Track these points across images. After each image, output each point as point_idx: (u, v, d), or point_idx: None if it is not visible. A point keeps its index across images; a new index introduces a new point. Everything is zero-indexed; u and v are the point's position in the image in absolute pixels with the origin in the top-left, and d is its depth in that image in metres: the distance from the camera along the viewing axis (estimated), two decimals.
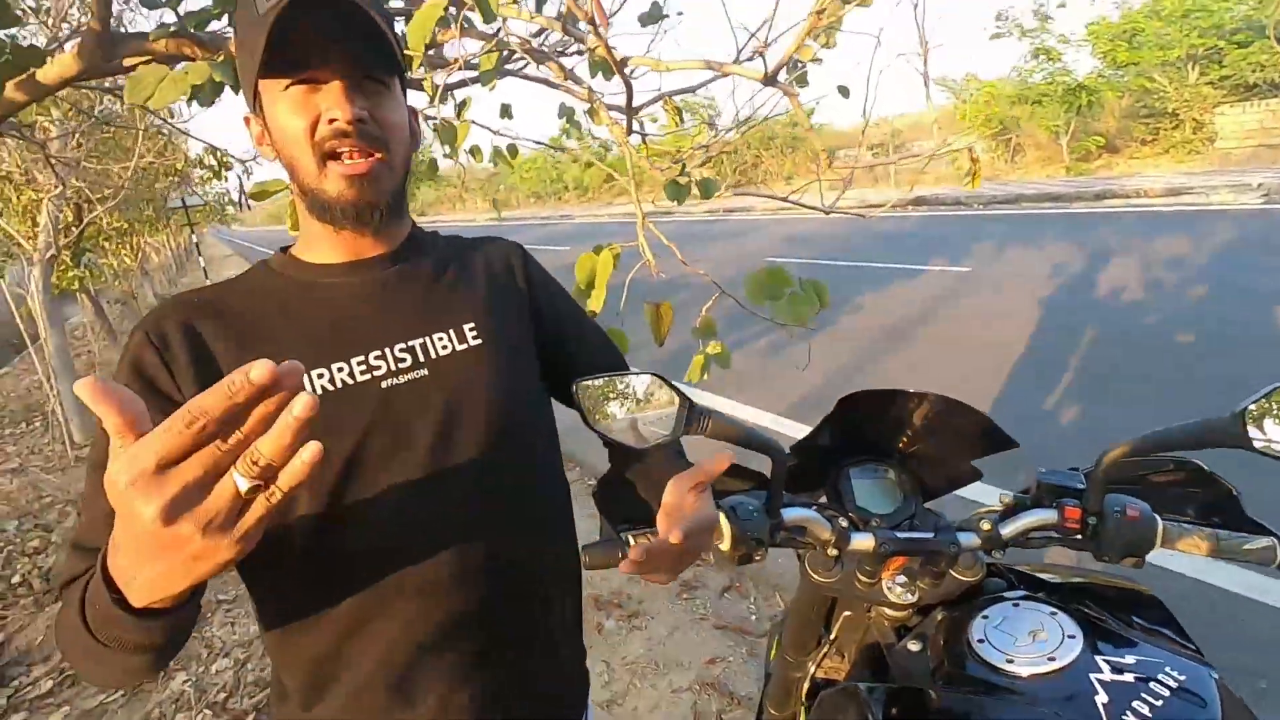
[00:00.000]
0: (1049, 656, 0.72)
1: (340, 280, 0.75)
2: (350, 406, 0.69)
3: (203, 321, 0.70)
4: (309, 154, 0.67)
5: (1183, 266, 5.75)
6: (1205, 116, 13.36)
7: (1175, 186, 9.35)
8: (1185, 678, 0.67)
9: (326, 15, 0.63)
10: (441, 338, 0.75)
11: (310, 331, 0.72)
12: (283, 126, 0.68)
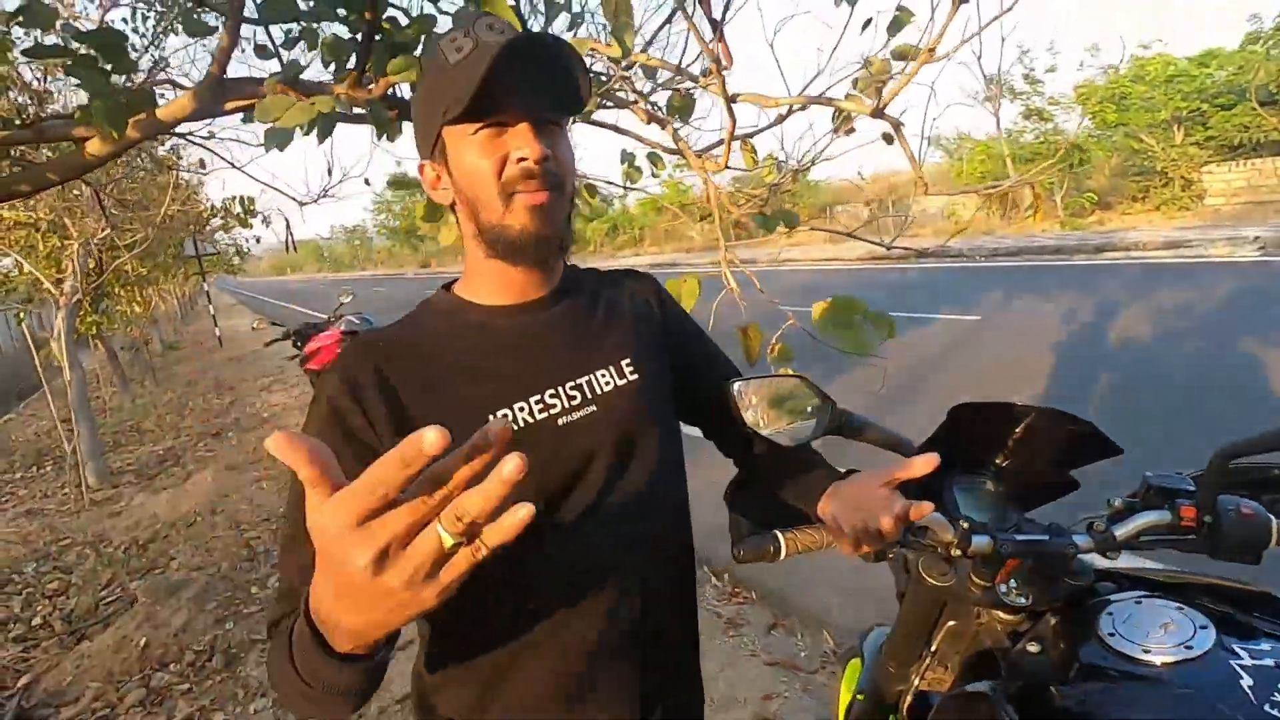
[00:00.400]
0: (1185, 645, 0.76)
1: (511, 321, 0.78)
2: (532, 445, 0.72)
3: (390, 365, 0.73)
4: (494, 192, 0.71)
5: (1190, 315, 5.88)
6: (1193, 175, 13.81)
7: (1173, 240, 9.61)
8: None
9: (528, 65, 0.68)
10: (603, 374, 0.79)
11: (489, 372, 0.76)
12: (470, 168, 0.71)
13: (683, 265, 18.81)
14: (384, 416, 0.70)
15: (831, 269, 13.43)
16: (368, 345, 0.76)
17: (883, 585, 2.55)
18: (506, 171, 0.70)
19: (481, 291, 0.79)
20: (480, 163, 0.71)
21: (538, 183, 0.71)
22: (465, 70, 0.67)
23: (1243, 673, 0.71)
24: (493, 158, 0.70)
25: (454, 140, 0.72)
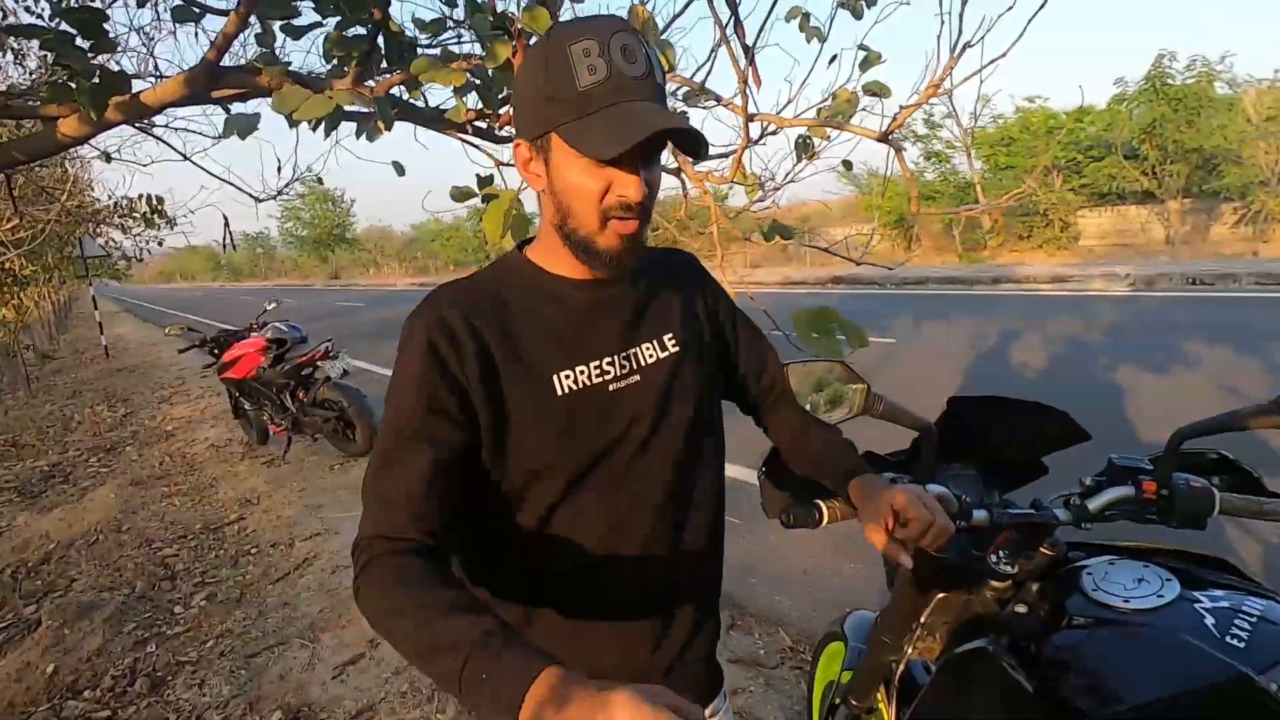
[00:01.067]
0: (1157, 595, 0.89)
1: (577, 294, 0.84)
2: (590, 404, 0.82)
3: (475, 315, 0.80)
4: (593, 212, 0.75)
5: (1077, 341, 6.53)
6: (1070, 218, 15.30)
7: (1058, 275, 10.63)
8: (1264, 607, 0.85)
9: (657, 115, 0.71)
10: (648, 347, 0.87)
11: (557, 335, 0.83)
12: (575, 184, 0.75)
13: None
14: (474, 361, 0.77)
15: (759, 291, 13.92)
16: (455, 295, 0.82)
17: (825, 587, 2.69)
18: (608, 199, 0.75)
19: (553, 263, 0.84)
20: (586, 184, 0.74)
21: (633, 213, 0.76)
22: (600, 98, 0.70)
23: (1205, 614, 0.85)
24: (598, 184, 0.74)
25: (562, 150, 0.74)
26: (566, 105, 0.71)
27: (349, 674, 2.45)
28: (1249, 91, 13.12)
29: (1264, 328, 6.42)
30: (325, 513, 3.99)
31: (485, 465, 0.79)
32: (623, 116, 0.70)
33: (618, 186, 0.74)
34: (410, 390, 0.76)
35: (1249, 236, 12.59)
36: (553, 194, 0.78)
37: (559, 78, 0.71)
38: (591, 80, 0.70)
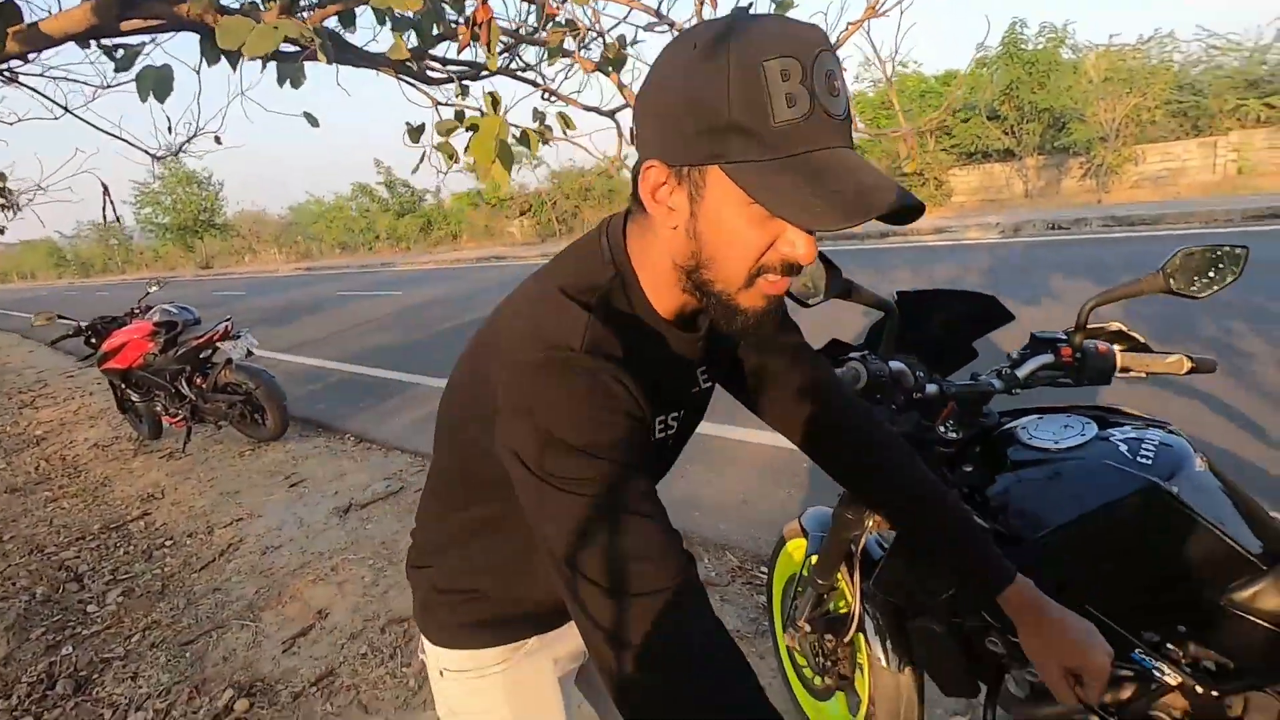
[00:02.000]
0: (1080, 434, 1.06)
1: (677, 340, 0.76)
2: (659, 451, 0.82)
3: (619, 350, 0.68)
4: (746, 267, 0.63)
5: (961, 282, 7.10)
6: (944, 176, 16.42)
7: (939, 227, 11.45)
8: (1161, 435, 1.03)
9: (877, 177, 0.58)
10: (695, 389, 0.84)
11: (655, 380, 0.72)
12: (731, 231, 0.62)
13: (509, 260, 18.60)
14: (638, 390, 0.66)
15: None
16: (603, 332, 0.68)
17: (763, 510, 2.85)
18: (769, 256, 0.63)
19: (661, 299, 0.72)
20: (749, 237, 0.62)
21: (789, 272, 0.65)
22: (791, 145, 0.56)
23: (1119, 444, 1.02)
24: (763, 239, 0.62)
25: (725, 189, 0.60)
26: (749, 140, 0.56)
27: (300, 645, 2.39)
28: (1089, 55, 14.48)
29: (1113, 262, 7.25)
30: (244, 498, 3.79)
31: None
32: (836, 174, 0.56)
33: (784, 244, 0.62)
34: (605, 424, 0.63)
35: (1093, 188, 14.01)
36: (694, 235, 0.64)
37: (746, 103, 0.56)
38: (790, 115, 0.55)
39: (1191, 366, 1.14)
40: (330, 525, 3.31)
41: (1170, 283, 1.10)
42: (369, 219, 30.23)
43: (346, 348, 8.12)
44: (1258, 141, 12.69)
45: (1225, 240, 1.09)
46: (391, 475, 3.85)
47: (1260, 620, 0.91)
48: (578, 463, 0.60)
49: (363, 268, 22.83)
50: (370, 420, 5.07)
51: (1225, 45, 14.01)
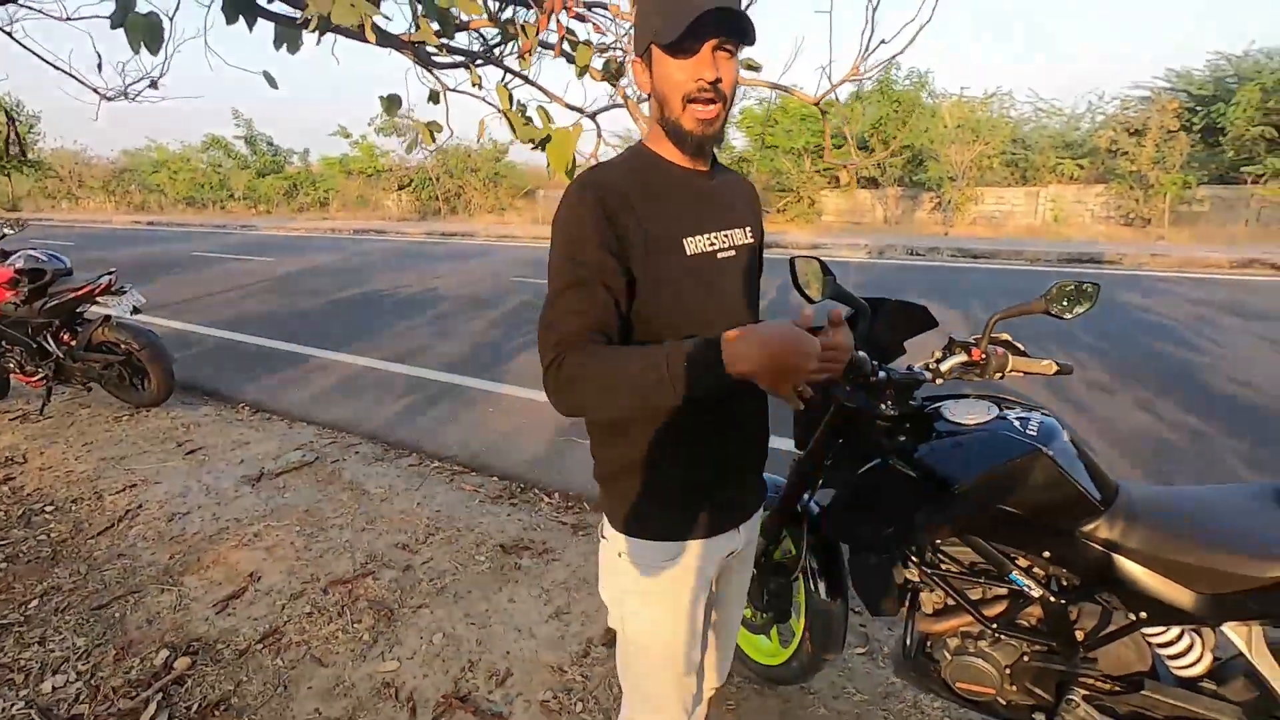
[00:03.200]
0: (985, 413, 1.43)
1: (692, 180, 1.09)
2: (706, 264, 1.09)
3: (628, 187, 1.03)
4: (679, 99, 1.00)
5: None
6: (816, 195, 17.78)
7: (816, 244, 12.48)
8: (1040, 416, 1.42)
9: (719, 14, 0.94)
10: (738, 232, 1.15)
11: (682, 207, 1.07)
12: (666, 78, 1.00)
13: (391, 234, 17.78)
14: (631, 218, 1.00)
15: (541, 247, 14.15)
16: (610, 172, 1.04)
17: None
18: (688, 86, 0.99)
19: (670, 154, 1.08)
20: (676, 76, 0.99)
21: (708, 96, 0.99)
22: (684, 8, 0.93)
23: (1013, 420, 1.39)
24: (684, 75, 0.99)
25: (659, 55, 1.00)
26: (658, 17, 0.97)
27: (235, 607, 2.38)
28: (946, 103, 16.28)
29: (963, 288, 8.35)
30: (132, 464, 3.55)
31: (635, 305, 1.03)
32: (690, 12, 0.93)
33: (696, 72, 0.98)
34: (587, 236, 0.97)
35: (940, 220, 15.80)
36: (655, 93, 1.03)
37: (654, 2, 0.98)
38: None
39: (1057, 369, 1.55)
40: (242, 493, 3.22)
41: (1049, 307, 1.50)
42: (222, 175, 27.55)
43: (219, 313, 7.55)
44: (1070, 195, 14.92)
45: (1073, 277, 1.49)
46: (302, 445, 3.77)
47: (1097, 545, 1.30)
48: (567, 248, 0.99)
49: (218, 227, 20.85)
50: (265, 390, 4.86)
51: (1050, 109, 16.32)
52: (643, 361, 0.90)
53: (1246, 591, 1.17)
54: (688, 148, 1.06)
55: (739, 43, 1.03)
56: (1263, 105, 12.86)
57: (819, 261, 1.33)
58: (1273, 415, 3.99)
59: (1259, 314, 6.67)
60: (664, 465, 1.12)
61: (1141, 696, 1.35)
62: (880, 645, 2.14)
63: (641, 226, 1.02)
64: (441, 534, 2.82)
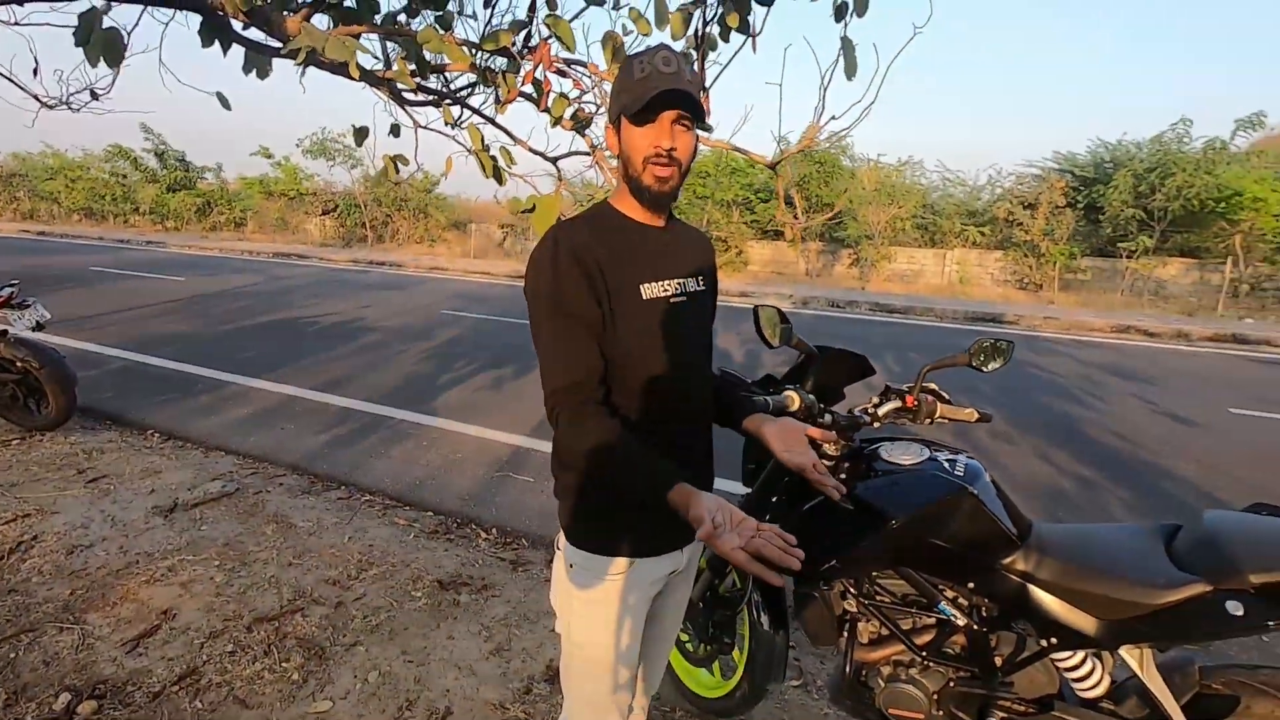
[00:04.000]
0: (918, 454, 1.57)
1: (649, 234, 1.22)
2: (660, 307, 1.20)
3: (593, 238, 1.16)
4: (640, 160, 1.14)
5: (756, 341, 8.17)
6: (744, 245, 18.51)
7: (744, 291, 12.97)
8: (966, 458, 1.58)
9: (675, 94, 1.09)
10: (690, 280, 1.27)
11: (639, 256, 1.19)
12: (632, 142, 1.14)
13: (314, 260, 17.18)
14: (596, 265, 1.13)
15: (485, 282, 14.06)
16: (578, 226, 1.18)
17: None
18: (648, 150, 1.13)
19: (630, 210, 1.21)
20: (638, 141, 1.14)
21: (664, 160, 1.13)
22: (642, 86, 1.10)
23: (943, 461, 1.54)
24: (645, 142, 1.13)
25: (626, 124, 1.14)
26: (626, 94, 1.12)
27: (147, 646, 2.23)
28: (864, 167, 17.43)
29: (879, 340, 8.86)
30: (25, 492, 3.27)
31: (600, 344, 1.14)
32: (651, 90, 1.09)
33: (655, 139, 1.13)
34: (566, 289, 1.11)
35: (858, 275, 16.75)
36: (622, 155, 1.17)
37: (624, 79, 1.14)
38: (640, 74, 1.10)
39: (979, 417, 1.73)
40: (154, 525, 3.02)
41: (971, 361, 1.67)
42: (127, 187, 25.92)
43: (123, 333, 7.08)
44: (973, 259, 16.16)
45: (992, 336, 1.68)
46: (222, 475, 3.58)
47: (1014, 576, 1.45)
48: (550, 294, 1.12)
49: (120, 242, 19.57)
50: (178, 416, 4.58)
51: (955, 180, 17.75)
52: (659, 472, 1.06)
53: (1138, 617, 1.33)
54: (646, 202, 1.19)
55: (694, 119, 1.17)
56: (1134, 189, 14.45)
57: (776, 310, 1.45)
58: (1146, 466, 4.43)
59: (1134, 375, 7.40)
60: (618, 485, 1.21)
61: (1051, 717, 1.49)
62: (814, 678, 2.23)
63: (604, 274, 1.14)
64: (375, 569, 2.74)
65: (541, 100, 1.58)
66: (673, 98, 1.09)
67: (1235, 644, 2.46)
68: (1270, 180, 13.99)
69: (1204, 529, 1.38)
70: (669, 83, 1.08)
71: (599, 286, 1.12)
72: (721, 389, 1.43)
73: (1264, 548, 1.30)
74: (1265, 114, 14.05)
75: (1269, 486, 4.15)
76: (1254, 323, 11.72)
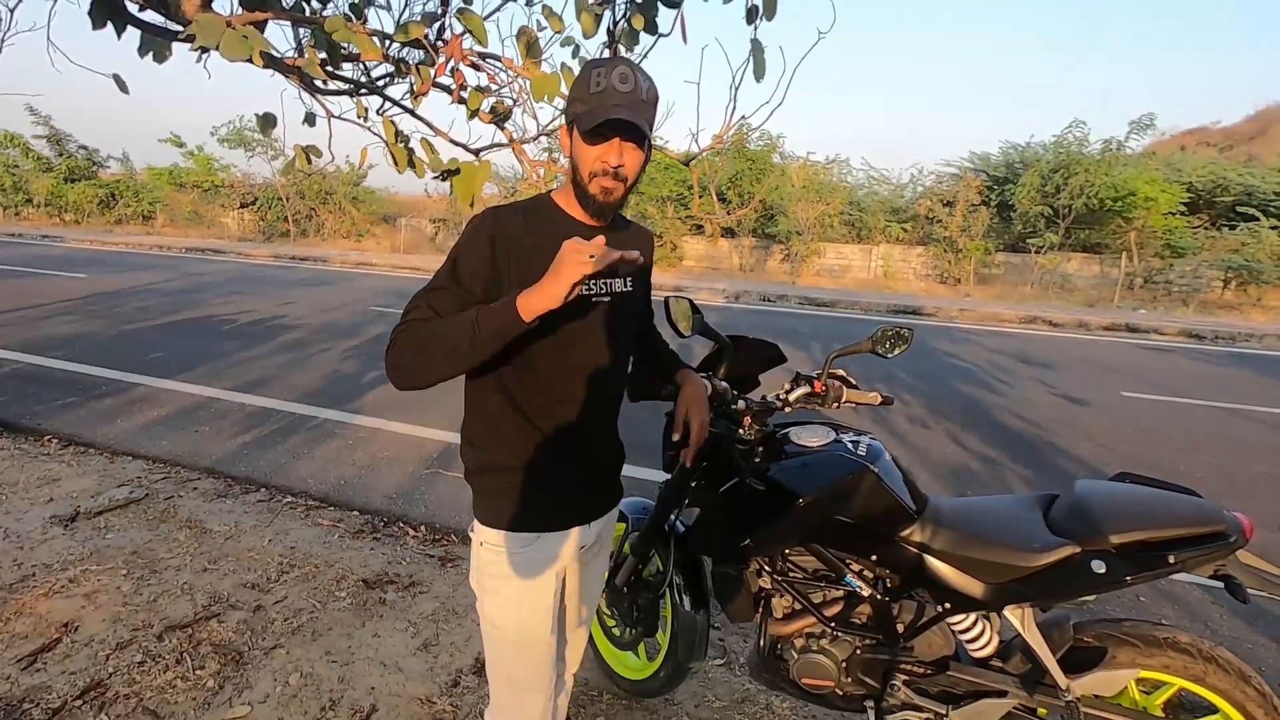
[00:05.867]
0: (824, 437, 1.66)
1: (582, 231, 1.20)
2: (580, 306, 1.22)
3: (521, 225, 1.21)
4: (588, 171, 1.17)
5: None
6: (679, 241, 18.70)
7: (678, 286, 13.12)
8: (869, 439, 1.68)
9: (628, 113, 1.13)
10: (618, 281, 1.30)
11: None
12: (583, 152, 1.17)
13: (231, 255, 16.37)
14: (513, 251, 1.18)
15: (407, 277, 13.71)
16: (509, 211, 1.21)
17: None
18: (596, 164, 1.17)
19: (570, 206, 1.25)
20: (589, 153, 1.17)
21: (611, 175, 1.17)
22: (597, 101, 1.13)
23: (847, 443, 1.64)
24: (594, 154, 1.17)
25: (578, 133, 1.17)
26: (580, 105, 1.15)
27: (46, 661, 2.11)
28: (794, 165, 17.89)
29: (806, 331, 9.15)
30: None
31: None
32: (603, 114, 1.12)
33: (603, 156, 1.16)
34: (469, 259, 1.16)
35: (789, 270, 17.20)
36: (572, 158, 1.21)
37: (581, 88, 1.16)
38: (597, 88, 1.13)
39: (882, 400, 1.84)
40: (52, 535, 2.85)
41: (875, 347, 1.77)
42: (18, 177, 23.96)
43: (17, 334, 6.59)
44: (897, 254, 16.83)
45: (893, 324, 1.79)
46: (128, 481, 3.40)
47: (911, 547, 1.55)
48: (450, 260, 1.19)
49: (11, 237, 18.14)
50: (79, 421, 4.32)
51: (880, 178, 18.44)
52: (457, 323, 1.10)
53: (1019, 579, 1.46)
54: (589, 209, 1.23)
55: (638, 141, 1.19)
56: (1040, 188, 15.37)
57: (689, 301, 1.51)
58: (1046, 444, 4.76)
59: (1039, 362, 7.90)
60: (521, 465, 1.28)
61: (947, 676, 1.61)
62: (737, 656, 2.32)
63: (522, 267, 1.16)
64: (297, 571, 2.67)
65: (454, 93, 1.58)
66: (623, 126, 1.12)
67: (1115, 602, 2.69)
68: (1160, 182, 15.14)
69: (1075, 497, 1.52)
70: (622, 110, 1.11)
71: (510, 272, 1.16)
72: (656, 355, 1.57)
73: (1123, 511, 1.44)
74: (1154, 115, 15.21)
75: (1153, 460, 4.52)
76: (1146, 313, 12.69)
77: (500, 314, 1.06)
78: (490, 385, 1.25)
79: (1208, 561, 1.36)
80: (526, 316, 1.04)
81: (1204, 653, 1.44)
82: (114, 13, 1.64)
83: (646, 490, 1.67)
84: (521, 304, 1.04)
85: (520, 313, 1.04)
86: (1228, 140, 27.28)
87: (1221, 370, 8.03)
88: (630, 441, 1.50)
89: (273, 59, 1.73)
